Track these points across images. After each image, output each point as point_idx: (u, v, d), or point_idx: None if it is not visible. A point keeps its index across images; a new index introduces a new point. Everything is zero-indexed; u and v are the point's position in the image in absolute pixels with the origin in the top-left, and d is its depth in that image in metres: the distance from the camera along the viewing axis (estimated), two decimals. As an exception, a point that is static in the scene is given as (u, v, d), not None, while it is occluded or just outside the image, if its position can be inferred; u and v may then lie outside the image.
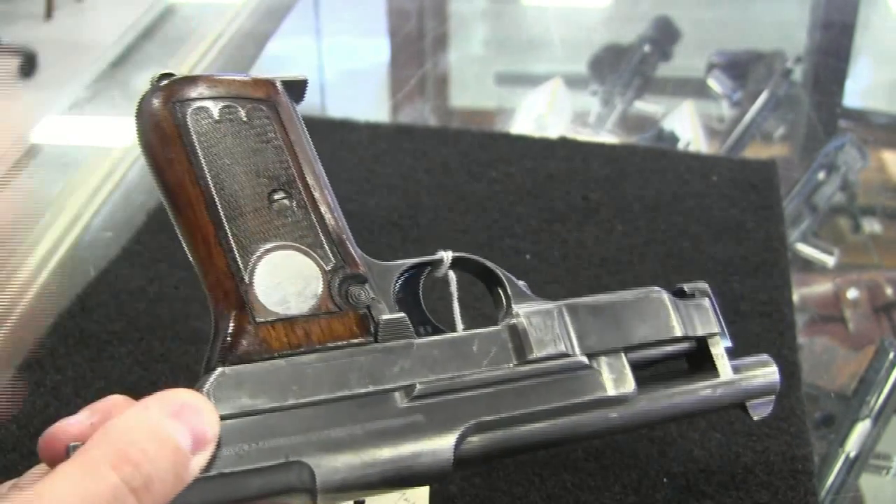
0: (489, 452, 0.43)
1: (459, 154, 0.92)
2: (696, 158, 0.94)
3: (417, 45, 1.37)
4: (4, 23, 3.44)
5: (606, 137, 1.11)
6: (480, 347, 0.44)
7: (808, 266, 0.87)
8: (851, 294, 0.82)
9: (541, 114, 1.14)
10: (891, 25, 1.45)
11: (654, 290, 0.49)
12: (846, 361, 0.75)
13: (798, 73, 1.19)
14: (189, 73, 0.45)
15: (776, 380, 0.51)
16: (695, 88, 1.24)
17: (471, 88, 1.30)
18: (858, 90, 1.28)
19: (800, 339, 0.70)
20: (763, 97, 1.13)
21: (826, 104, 1.18)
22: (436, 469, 0.41)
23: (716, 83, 1.22)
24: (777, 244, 0.79)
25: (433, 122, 1.16)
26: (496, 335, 0.45)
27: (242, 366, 0.40)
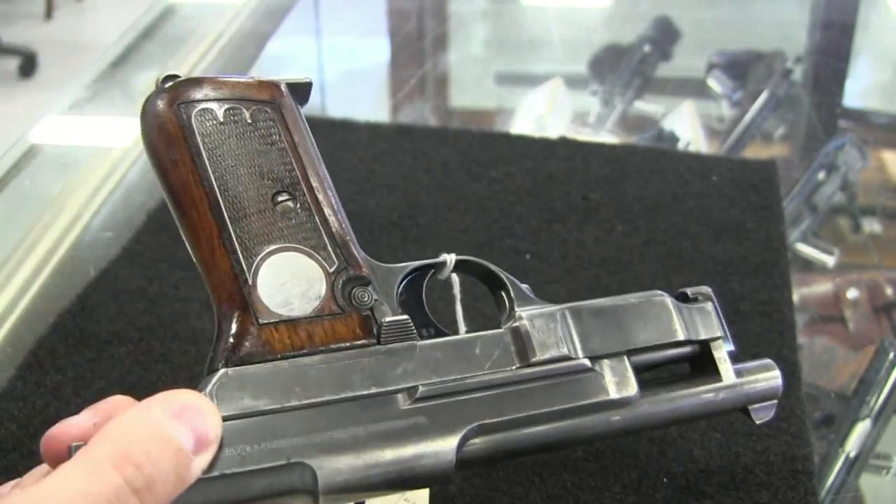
0: (491, 455, 0.43)
1: (459, 154, 0.92)
2: (696, 158, 0.94)
3: (417, 45, 1.37)
4: (4, 23, 3.45)
5: (606, 137, 1.11)
6: (483, 350, 0.44)
7: (808, 266, 0.87)
8: (851, 294, 0.82)
9: (541, 114, 1.14)
10: (891, 25, 1.45)
11: (657, 294, 0.49)
12: (846, 361, 0.75)
13: (798, 73, 1.19)
14: (189, 73, 0.45)
15: (779, 384, 0.51)
16: (695, 88, 1.24)
17: (471, 88, 1.30)
18: (858, 90, 1.28)
19: (800, 339, 0.70)
20: (763, 97, 1.13)
21: (826, 104, 1.18)
22: (438, 471, 0.41)
23: (716, 83, 1.22)
24: (777, 244, 0.79)
25: (433, 122, 1.16)
26: (499, 338, 0.45)
27: (245, 367, 0.40)
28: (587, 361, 0.45)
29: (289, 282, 0.42)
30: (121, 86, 1.12)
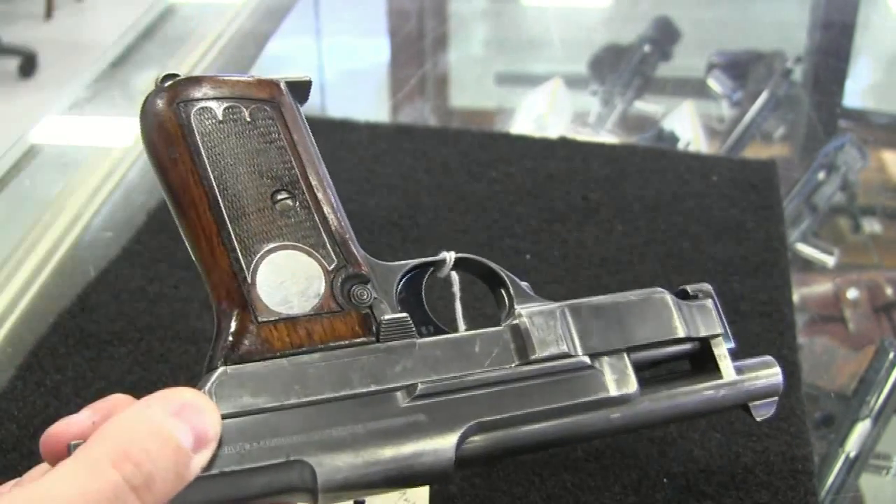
0: (491, 452, 0.43)
1: (459, 154, 0.92)
2: (696, 158, 0.94)
3: (417, 45, 1.37)
4: (4, 23, 3.45)
5: (606, 137, 1.11)
6: (482, 347, 0.44)
7: (808, 266, 0.87)
8: (851, 294, 0.82)
9: (541, 114, 1.14)
10: (891, 25, 1.45)
11: (657, 291, 0.49)
12: (846, 361, 0.75)
13: (798, 73, 1.19)
14: (189, 73, 0.45)
15: (779, 381, 0.51)
16: (695, 88, 1.24)
17: (471, 88, 1.30)
18: (858, 90, 1.28)
19: (800, 339, 0.70)
20: (763, 97, 1.13)
21: (826, 104, 1.18)
22: (437, 469, 0.41)
23: (716, 83, 1.22)
24: (777, 244, 0.79)
25: (433, 122, 1.16)
26: (498, 335, 0.45)
27: (244, 365, 0.40)
28: (587, 359, 0.45)
29: (288, 280, 0.42)
30: (121, 86, 1.12)
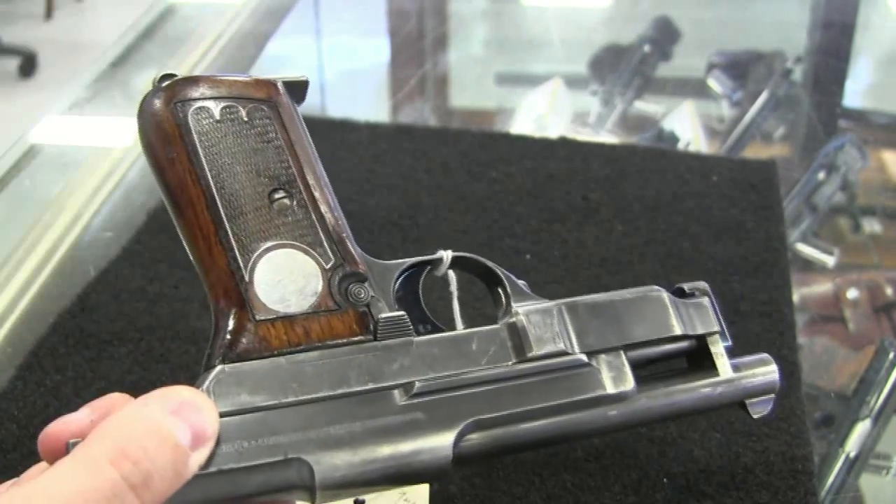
0: (488, 450, 0.43)
1: (459, 154, 0.92)
2: (696, 158, 0.94)
3: (417, 45, 1.37)
4: (4, 23, 3.45)
5: (606, 137, 1.11)
6: (480, 345, 0.44)
7: (808, 266, 0.87)
8: (851, 294, 0.82)
9: (541, 114, 1.14)
10: (891, 25, 1.45)
11: (654, 290, 0.49)
12: (846, 361, 0.75)
13: (798, 73, 1.19)
14: (189, 73, 0.46)
15: (776, 378, 0.51)
16: (695, 88, 1.24)
17: (471, 88, 1.30)
18: (858, 90, 1.28)
19: (800, 339, 0.70)
20: (763, 97, 1.13)
21: (826, 104, 1.18)
22: (435, 466, 0.41)
23: (716, 83, 1.22)
24: (777, 244, 0.79)
25: (433, 122, 1.16)
26: (495, 333, 0.45)
27: (242, 363, 0.40)
28: (584, 357, 0.45)
29: (285, 278, 0.42)
30: (121, 86, 1.12)
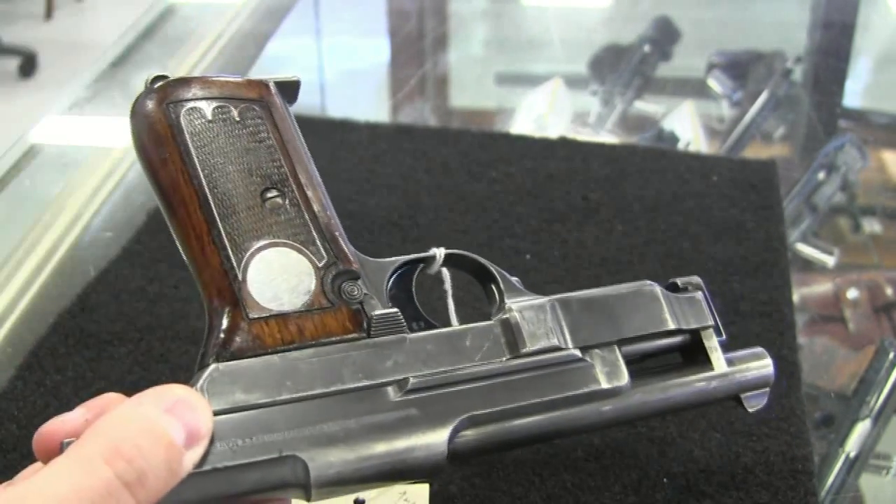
0: (483, 446, 0.43)
1: (459, 154, 0.92)
2: (696, 158, 0.94)
3: (417, 45, 1.37)
4: (4, 23, 3.45)
5: (606, 137, 1.11)
6: (473, 342, 0.44)
7: (808, 266, 0.87)
8: (851, 294, 0.82)
9: (541, 114, 1.14)
10: (891, 25, 1.45)
11: (647, 284, 0.49)
12: (846, 361, 0.75)
13: (798, 73, 1.19)
14: (189, 74, 0.46)
15: (770, 372, 0.51)
16: (695, 88, 1.24)
17: (471, 88, 1.30)
18: (858, 90, 1.28)
19: (800, 339, 0.70)
20: (763, 97, 1.13)
21: (826, 104, 1.18)
22: (430, 463, 0.41)
23: (716, 83, 1.22)
24: (777, 244, 0.79)
25: (433, 122, 1.16)
26: (489, 329, 0.45)
27: (236, 362, 0.40)
28: (577, 352, 0.46)
29: (278, 277, 0.43)
30: (121, 86, 1.12)
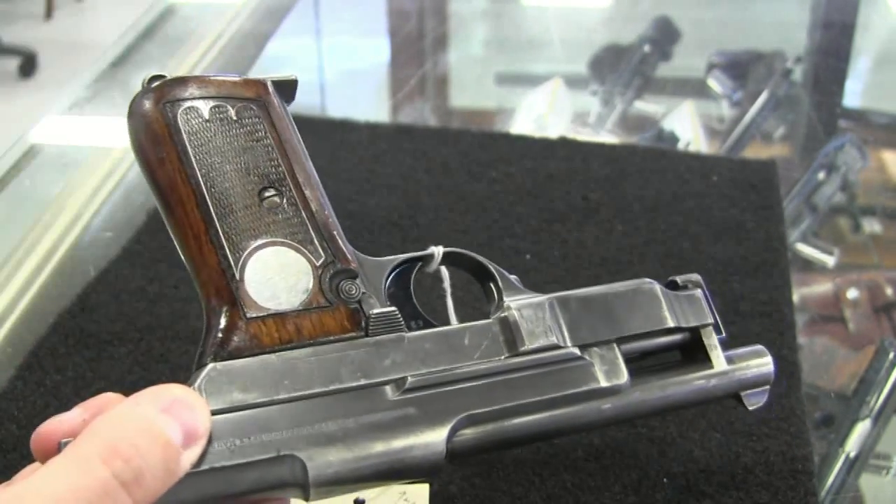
0: (482, 445, 0.43)
1: (459, 154, 0.92)
2: (696, 158, 0.94)
3: (417, 45, 1.37)
4: (4, 23, 3.45)
5: (606, 137, 1.11)
6: (472, 340, 0.44)
7: (808, 266, 0.87)
8: (851, 294, 0.82)
9: (541, 114, 1.14)
10: (891, 25, 1.45)
11: (646, 282, 0.49)
12: (846, 361, 0.74)
13: (798, 73, 1.19)
14: (189, 74, 0.46)
15: (771, 370, 0.51)
16: (695, 88, 1.24)
17: (471, 88, 1.30)
18: (858, 90, 1.28)
19: (800, 339, 0.70)
20: (763, 97, 1.13)
21: (826, 104, 1.18)
22: (428, 462, 0.41)
23: (716, 83, 1.22)
24: (777, 244, 0.79)
25: (433, 122, 1.16)
26: (487, 328, 0.45)
27: (234, 361, 0.40)
28: (576, 350, 0.45)
29: (276, 276, 0.43)
30: (121, 86, 1.12)
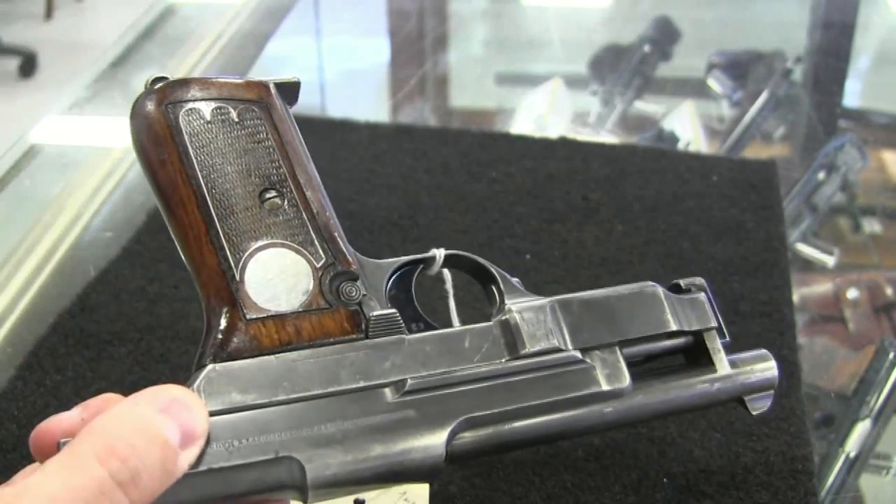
0: (482, 448, 0.43)
1: (459, 154, 0.92)
2: (696, 158, 0.94)
3: (417, 45, 1.37)
4: (4, 23, 3.45)
5: (606, 137, 1.11)
6: (472, 343, 0.44)
7: (808, 266, 0.87)
8: (851, 294, 0.82)
9: (541, 114, 1.14)
10: (891, 25, 1.45)
11: (649, 285, 0.49)
12: (846, 361, 0.75)
13: (798, 73, 1.19)
14: (189, 74, 0.46)
15: (775, 374, 0.50)
16: (695, 88, 1.24)
17: (471, 88, 1.30)
18: (858, 90, 1.28)
19: (800, 339, 0.70)
20: (763, 97, 1.13)
21: (826, 104, 1.18)
22: (428, 464, 0.41)
23: (716, 83, 1.22)
24: (777, 244, 0.79)
25: (433, 122, 1.16)
26: (488, 330, 0.45)
27: (233, 362, 0.40)
28: (578, 353, 0.45)
29: (276, 277, 0.43)
30: (121, 86, 1.12)
